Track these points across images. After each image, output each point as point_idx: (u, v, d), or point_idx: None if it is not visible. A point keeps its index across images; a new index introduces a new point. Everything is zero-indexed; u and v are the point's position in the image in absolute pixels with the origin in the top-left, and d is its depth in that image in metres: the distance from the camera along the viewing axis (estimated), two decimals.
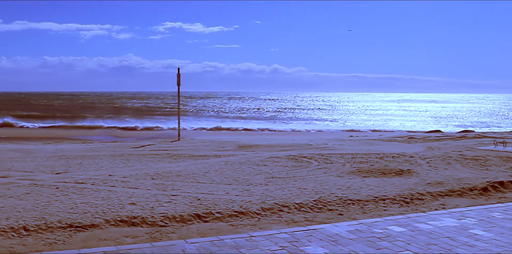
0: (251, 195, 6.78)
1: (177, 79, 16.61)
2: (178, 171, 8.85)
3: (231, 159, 10.59)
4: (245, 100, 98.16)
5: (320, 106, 71.51)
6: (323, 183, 7.73)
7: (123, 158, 10.75)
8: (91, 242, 4.84)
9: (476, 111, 62.31)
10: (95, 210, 5.89)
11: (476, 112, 59.97)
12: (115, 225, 5.39)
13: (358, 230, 5.20)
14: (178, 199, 6.45)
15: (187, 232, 5.20)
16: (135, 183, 7.65)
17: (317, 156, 10.85)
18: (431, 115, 51.84)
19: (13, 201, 6.37)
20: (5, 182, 7.74)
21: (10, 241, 4.84)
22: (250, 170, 9.04)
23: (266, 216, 5.87)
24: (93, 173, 8.61)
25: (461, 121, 42.29)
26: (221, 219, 5.70)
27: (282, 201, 6.41)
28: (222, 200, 6.41)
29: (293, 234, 5.06)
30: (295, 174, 8.65)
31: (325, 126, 33.63)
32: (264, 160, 10.29)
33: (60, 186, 7.38)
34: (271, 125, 32.74)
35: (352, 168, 9.29)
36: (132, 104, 73.62)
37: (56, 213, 5.75)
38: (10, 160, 10.35)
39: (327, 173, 8.77)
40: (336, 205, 6.40)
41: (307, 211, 6.13)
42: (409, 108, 69.31)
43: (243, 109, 60.03)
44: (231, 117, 44.25)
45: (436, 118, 46.53)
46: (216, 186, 7.39)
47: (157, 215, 5.68)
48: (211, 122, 33.69)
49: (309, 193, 6.95)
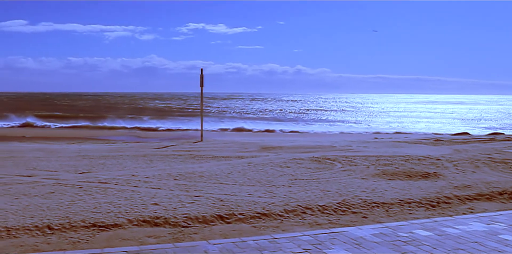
0: (274, 196, 6.78)
1: (200, 80, 16.71)
2: (201, 172, 8.90)
3: (254, 160, 10.60)
4: (268, 101, 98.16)
5: (344, 108, 71.07)
6: (347, 185, 7.68)
7: (146, 158, 10.86)
8: (114, 241, 4.90)
9: (505, 113, 61.03)
10: (118, 210, 5.96)
11: (506, 114, 58.72)
12: (138, 225, 5.45)
13: (382, 234, 5.14)
14: (201, 200, 6.49)
15: (209, 233, 5.22)
16: (158, 183, 7.72)
17: (341, 158, 10.78)
18: (458, 117, 51.01)
19: (38, 200, 6.50)
20: (30, 181, 7.89)
21: (34, 240, 4.94)
22: (273, 171, 9.04)
23: (289, 218, 5.86)
24: (116, 173, 8.72)
25: (489, 123, 41.47)
26: (243, 221, 5.71)
27: (305, 203, 6.39)
28: (244, 202, 6.42)
29: (316, 236, 5.04)
30: (319, 176, 8.61)
31: (348, 127, 33.39)
32: (287, 162, 10.28)
33: (83, 185, 7.50)
34: (294, 126, 32.66)
35: (376, 170, 9.21)
36: (155, 105, 74.31)
37: (80, 212, 5.84)
38: (35, 160, 10.55)
39: (351, 175, 8.70)
40: (360, 207, 6.35)
41: (331, 214, 6.10)
42: (435, 109, 68.34)
43: (265, 110, 60.03)
44: (254, 118, 44.30)
45: (463, 120, 45.76)
46: (239, 188, 7.41)
47: (179, 216, 5.72)
48: (234, 123, 33.75)
49: (332, 195, 6.91)
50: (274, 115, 51.28)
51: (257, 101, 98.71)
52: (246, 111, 58.01)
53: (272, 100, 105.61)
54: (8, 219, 5.49)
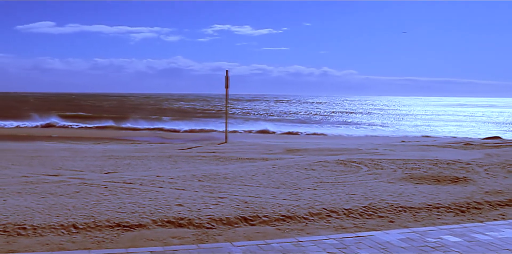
0: (298, 199, 6.76)
1: (226, 82, 16.77)
2: (226, 173, 8.93)
3: (279, 162, 10.59)
4: (293, 103, 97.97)
5: (370, 110, 70.42)
6: (373, 189, 7.61)
7: (171, 159, 10.95)
8: (139, 242, 4.96)
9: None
10: (143, 210, 6.03)
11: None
12: (162, 226, 5.50)
13: (410, 239, 5.08)
14: (225, 202, 6.51)
15: (233, 235, 5.24)
16: (182, 184, 7.78)
17: (367, 161, 10.69)
18: (489, 120, 50.00)
19: (64, 199, 6.62)
20: (56, 180, 8.05)
21: (60, 238, 5.03)
22: (298, 174, 9.01)
23: (314, 221, 5.84)
24: (141, 173, 8.81)
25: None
26: (268, 223, 5.71)
27: (331, 206, 6.35)
28: (269, 204, 6.42)
29: (342, 240, 5.01)
30: (344, 179, 8.55)
31: (375, 130, 33.08)
32: (312, 164, 10.23)
33: (109, 185, 7.61)
34: (319, 129, 32.51)
35: (404, 174, 9.10)
36: (180, 106, 74.93)
37: (105, 212, 5.93)
38: (61, 159, 10.75)
39: (378, 178, 8.62)
40: (387, 212, 6.29)
41: (357, 217, 6.05)
42: (465, 112, 67.15)
43: (290, 112, 59.93)
44: (278, 120, 44.24)
45: (494, 123, 44.85)
46: (264, 190, 7.41)
47: (204, 217, 5.75)
48: (258, 125, 33.76)
49: (358, 199, 6.85)
50: (299, 117, 51.17)
51: (282, 103, 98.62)
52: (271, 113, 58.01)
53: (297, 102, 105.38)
54: (35, 218, 5.61)
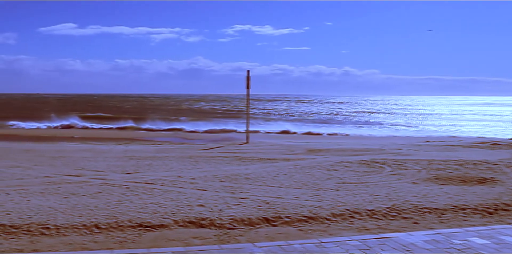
0: (321, 200, 6.73)
1: (247, 82, 16.78)
2: (247, 174, 8.95)
3: (301, 163, 10.57)
4: (314, 103, 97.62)
5: (393, 110, 69.73)
6: (397, 189, 7.54)
7: (192, 159, 11.02)
8: (160, 242, 5.00)
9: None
10: (164, 210, 6.08)
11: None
12: (184, 226, 5.54)
13: (435, 241, 5.02)
14: (247, 202, 6.53)
15: (255, 236, 5.25)
16: (203, 185, 7.82)
17: (391, 162, 10.60)
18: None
19: (86, 199, 6.71)
20: (78, 180, 8.17)
21: (82, 238, 5.10)
22: (320, 174, 8.98)
23: (336, 222, 5.81)
24: (163, 174, 8.89)
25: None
26: (290, 224, 5.70)
27: (354, 207, 6.31)
28: (291, 205, 6.41)
29: (365, 241, 4.97)
30: (367, 179, 8.50)
31: (398, 130, 32.74)
32: (335, 165, 10.19)
33: (130, 186, 7.69)
34: (341, 129, 32.31)
35: (428, 174, 9.00)
36: (200, 107, 75.29)
37: (127, 212, 6.00)
38: (83, 160, 10.90)
39: (401, 179, 8.54)
40: (411, 213, 6.22)
41: (380, 219, 6.00)
42: (491, 112, 66.00)
43: (312, 112, 59.73)
44: (300, 120, 44.13)
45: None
46: (285, 190, 7.41)
47: (225, 218, 5.77)
48: (280, 125, 33.72)
49: (382, 199, 6.80)
50: (321, 117, 50.95)
51: (303, 103, 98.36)
52: (292, 113, 57.90)
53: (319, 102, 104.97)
54: (58, 218, 5.71)
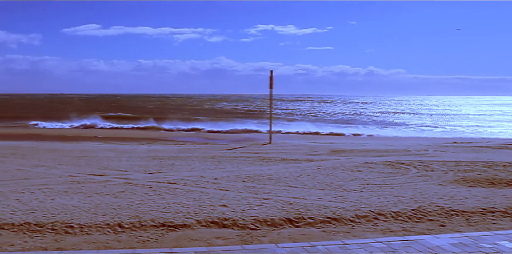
0: (344, 201, 6.70)
1: (270, 82, 16.78)
2: (270, 174, 8.96)
3: (324, 163, 10.53)
4: (338, 103, 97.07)
5: (419, 110, 68.89)
6: (423, 191, 7.46)
7: (215, 160, 11.08)
8: (183, 242, 5.04)
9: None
10: (187, 210, 6.13)
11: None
12: (206, 226, 5.57)
13: (462, 244, 4.94)
14: (270, 203, 6.53)
15: (278, 236, 5.25)
16: (226, 185, 7.85)
17: (416, 163, 10.48)
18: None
19: (109, 198, 6.80)
20: (102, 180, 8.29)
21: (106, 237, 5.18)
22: (343, 175, 8.94)
23: (360, 224, 5.77)
24: (185, 174, 8.95)
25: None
26: (313, 225, 5.69)
27: (378, 209, 6.27)
28: (314, 206, 6.40)
29: (390, 243, 4.93)
30: (392, 181, 8.42)
31: (424, 131, 32.33)
32: (359, 166, 10.13)
33: (153, 185, 7.77)
34: (365, 129, 32.07)
35: (455, 176, 8.87)
36: (222, 107, 75.55)
37: (150, 211, 6.06)
38: (107, 159, 11.05)
39: (428, 181, 8.44)
40: (437, 215, 6.15)
41: (405, 221, 5.94)
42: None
43: (335, 113, 59.41)
44: (323, 120, 43.96)
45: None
46: (308, 191, 7.39)
47: (248, 218, 5.79)
48: (302, 125, 33.63)
49: (407, 201, 6.73)
50: (344, 117, 50.65)
51: (326, 103, 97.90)
52: (315, 114, 57.69)
53: (342, 102, 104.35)
54: (81, 217, 5.80)
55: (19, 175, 8.70)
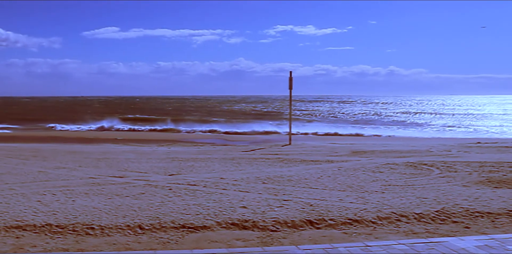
0: (366, 202, 6.65)
1: (289, 83, 16.73)
2: (290, 175, 8.94)
3: (345, 165, 10.47)
4: (358, 103, 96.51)
5: (441, 110, 68.09)
6: (446, 192, 7.36)
7: (234, 161, 11.10)
8: (203, 243, 5.06)
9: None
10: (207, 212, 6.15)
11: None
12: (227, 228, 5.58)
13: (488, 246, 4.87)
14: (290, 204, 6.52)
15: (298, 238, 5.23)
16: (246, 186, 7.86)
17: (439, 164, 10.36)
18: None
19: (129, 200, 6.86)
20: (122, 182, 8.36)
21: (126, 238, 5.22)
22: (364, 176, 8.88)
23: (382, 226, 5.72)
24: (205, 175, 8.99)
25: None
26: (334, 227, 5.66)
27: (400, 211, 6.21)
28: (335, 207, 6.36)
29: (413, 246, 4.88)
30: (414, 182, 8.34)
31: (447, 131, 31.96)
32: (380, 167, 10.05)
33: (173, 187, 7.81)
34: (386, 130, 31.82)
35: (480, 177, 8.74)
36: (241, 108, 75.67)
37: (170, 213, 6.09)
38: (126, 161, 11.15)
39: (451, 182, 8.33)
40: (461, 217, 6.06)
41: (428, 222, 5.87)
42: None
43: (355, 113, 59.07)
44: (343, 121, 43.74)
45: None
46: (329, 192, 7.36)
47: (268, 220, 5.78)
48: (322, 126, 33.55)
49: (430, 203, 6.66)
50: (365, 118, 50.32)
51: (346, 103, 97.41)
52: (335, 114, 57.45)
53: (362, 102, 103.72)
54: (102, 218, 5.86)
55: (40, 177, 8.83)
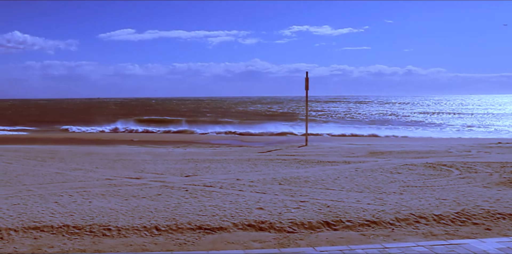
0: (384, 204, 6.60)
1: (306, 83, 16.69)
2: (306, 176, 8.91)
3: (362, 165, 10.41)
4: (375, 104, 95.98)
5: (460, 110, 67.39)
6: (466, 194, 7.28)
7: (250, 162, 11.10)
8: (219, 244, 5.06)
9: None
10: (223, 213, 6.15)
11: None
12: (243, 229, 5.58)
13: (511, 248, 4.79)
14: (307, 206, 6.50)
15: (315, 240, 5.21)
16: (262, 187, 7.85)
17: (459, 164, 10.25)
18: None
19: (146, 201, 6.90)
20: (138, 183, 8.41)
21: (143, 240, 5.25)
22: (382, 177, 8.82)
23: (400, 227, 5.67)
24: (221, 176, 9.00)
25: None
26: (351, 228, 5.62)
27: (419, 212, 6.15)
28: (352, 208, 6.33)
29: (432, 248, 4.83)
30: (433, 183, 8.25)
31: (467, 131, 31.62)
32: (398, 168, 9.97)
33: (189, 188, 7.84)
34: (403, 130, 31.59)
35: (501, 178, 8.62)
36: (257, 109, 75.72)
37: (186, 214, 6.11)
38: (143, 162, 11.22)
39: (471, 183, 8.23)
40: (482, 218, 5.98)
41: (448, 224, 5.81)
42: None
43: (372, 114, 58.74)
44: (359, 121, 43.54)
45: None
46: (346, 194, 7.32)
47: (285, 221, 5.77)
48: (338, 127, 33.44)
49: (450, 204, 6.58)
50: (381, 118, 50.02)
51: (363, 104, 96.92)
52: (351, 115, 57.20)
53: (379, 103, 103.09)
54: (119, 219, 5.89)
55: (58, 178, 8.92)
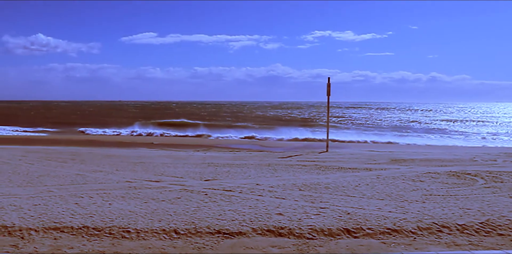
0: (405, 212, 6.54)
1: (327, 89, 16.66)
2: (327, 183, 8.87)
3: (384, 173, 10.33)
4: (397, 110, 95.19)
5: (485, 118, 66.42)
6: (492, 204, 7.16)
7: (270, 167, 11.10)
8: (238, 249, 5.06)
9: None
10: (243, 218, 6.15)
11: None
12: (262, 234, 5.57)
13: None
14: (327, 212, 6.47)
15: (335, 247, 5.18)
16: (282, 193, 7.84)
17: (484, 173, 10.09)
18: None
19: (165, 204, 6.94)
20: (158, 186, 8.47)
21: (162, 243, 5.28)
22: (404, 185, 8.73)
23: (422, 236, 5.61)
24: (241, 181, 9.01)
25: None
26: (372, 236, 5.58)
27: (442, 221, 6.07)
28: (373, 216, 6.28)
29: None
30: (457, 192, 8.14)
31: (493, 140, 31.15)
32: (421, 176, 9.86)
33: (208, 192, 7.86)
34: (426, 138, 31.26)
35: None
36: (277, 114, 75.71)
37: (205, 218, 6.13)
38: (163, 166, 11.29)
39: (497, 193, 8.10)
40: (508, 229, 5.88)
41: (472, 234, 5.72)
42: None
43: (394, 120, 58.26)
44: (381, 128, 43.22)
45: None
46: (367, 201, 7.26)
47: (304, 227, 5.75)
48: (360, 133, 33.22)
49: (474, 214, 6.49)
50: (405, 125, 49.57)
51: (385, 110, 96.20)
52: (373, 121, 56.81)
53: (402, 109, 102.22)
54: (138, 222, 5.94)
55: (78, 180, 9.04)
